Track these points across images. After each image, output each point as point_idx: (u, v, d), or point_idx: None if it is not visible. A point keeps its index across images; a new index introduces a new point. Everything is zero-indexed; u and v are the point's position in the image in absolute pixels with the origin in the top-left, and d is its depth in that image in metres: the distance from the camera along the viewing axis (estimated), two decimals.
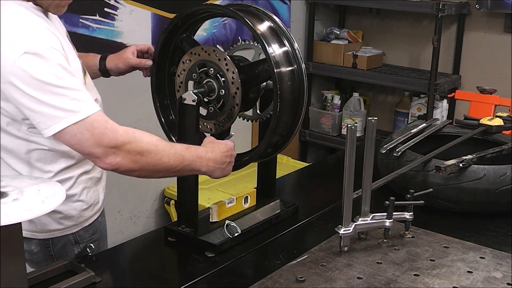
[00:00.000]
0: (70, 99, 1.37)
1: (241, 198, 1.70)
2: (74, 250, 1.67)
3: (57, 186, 1.20)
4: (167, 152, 1.45)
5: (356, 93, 4.26)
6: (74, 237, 1.66)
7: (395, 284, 1.36)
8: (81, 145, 1.40)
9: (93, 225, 1.71)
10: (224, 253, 1.55)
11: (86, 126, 1.38)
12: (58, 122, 1.37)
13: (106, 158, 1.41)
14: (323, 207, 1.86)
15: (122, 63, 1.83)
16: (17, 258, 1.12)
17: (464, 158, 1.78)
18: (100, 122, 1.40)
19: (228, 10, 1.57)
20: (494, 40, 3.85)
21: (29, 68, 1.35)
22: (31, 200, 1.11)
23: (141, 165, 1.43)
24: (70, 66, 1.44)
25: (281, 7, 3.99)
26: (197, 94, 1.52)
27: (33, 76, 1.35)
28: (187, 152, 1.49)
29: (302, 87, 1.56)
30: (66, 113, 1.37)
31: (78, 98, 1.39)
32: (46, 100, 1.36)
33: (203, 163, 1.50)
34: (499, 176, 1.76)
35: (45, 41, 1.40)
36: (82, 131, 1.38)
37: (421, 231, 1.63)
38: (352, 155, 1.43)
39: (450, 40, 4.00)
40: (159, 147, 1.44)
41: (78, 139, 1.39)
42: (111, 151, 1.40)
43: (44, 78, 1.35)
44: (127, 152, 1.41)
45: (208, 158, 1.51)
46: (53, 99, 1.36)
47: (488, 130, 2.13)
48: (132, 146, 1.41)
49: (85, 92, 1.42)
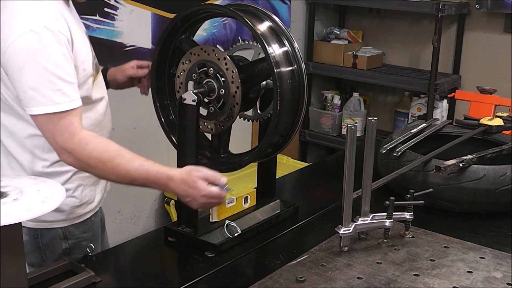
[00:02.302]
0: (56, 89, 1.43)
1: (241, 198, 1.70)
2: (62, 245, 1.67)
3: (57, 186, 1.20)
4: (115, 173, 1.48)
5: (356, 93, 4.26)
6: (63, 232, 1.67)
7: (395, 284, 1.36)
8: (45, 134, 1.48)
9: (85, 223, 1.72)
10: (224, 253, 1.55)
11: (55, 119, 1.44)
12: (36, 106, 1.43)
13: (61, 155, 1.49)
14: (323, 207, 1.86)
15: (120, 74, 1.89)
16: (17, 258, 1.12)
17: (464, 158, 1.78)
18: (66, 121, 1.45)
19: (228, 10, 1.57)
20: (494, 40, 3.85)
21: (30, 46, 1.40)
22: (31, 200, 1.11)
23: (91, 173, 1.52)
24: (78, 57, 1.50)
25: (281, 7, 3.99)
26: (197, 94, 1.52)
27: (32, 55, 1.40)
28: (141, 176, 1.48)
29: (302, 87, 1.56)
30: (45, 100, 1.43)
31: (63, 89, 1.44)
32: (33, 81, 1.42)
33: (161, 187, 1.52)
34: (499, 176, 1.76)
35: (53, 23, 1.44)
36: (49, 122, 1.45)
37: (421, 231, 1.63)
38: (352, 155, 1.43)
39: (450, 40, 4.00)
40: (108, 165, 1.47)
41: (45, 128, 1.47)
42: (64, 151, 1.47)
43: (41, 60, 1.41)
44: (76, 160, 1.48)
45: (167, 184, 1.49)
46: (41, 82, 1.42)
47: (488, 130, 2.13)
48: (80, 156, 1.47)
49: (73, 86, 1.46)
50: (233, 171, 1.66)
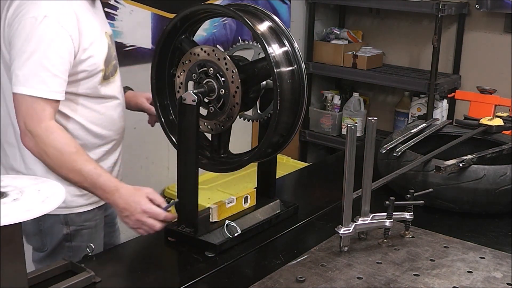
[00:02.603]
0: (38, 75, 1.54)
1: (241, 198, 1.70)
2: (63, 230, 1.73)
3: (57, 185, 1.20)
4: (69, 166, 1.55)
5: (356, 93, 4.26)
6: (64, 218, 1.73)
7: (395, 284, 1.36)
8: (17, 114, 1.57)
9: (87, 213, 1.77)
10: (224, 253, 1.55)
11: (29, 102, 1.54)
12: (16, 85, 1.55)
13: (24, 137, 1.57)
14: (323, 207, 1.86)
15: (134, 103, 2.00)
16: (17, 258, 1.12)
17: (464, 158, 1.78)
18: (39, 106, 1.54)
19: (228, 10, 1.57)
20: (494, 40, 3.85)
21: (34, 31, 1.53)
22: (31, 200, 1.10)
23: (45, 161, 1.58)
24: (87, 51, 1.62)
25: (281, 7, 3.99)
26: (197, 94, 1.52)
27: (30, 39, 1.53)
28: (92, 178, 1.56)
29: (302, 87, 1.56)
30: (25, 82, 1.54)
31: (45, 79, 1.54)
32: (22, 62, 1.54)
33: (106, 195, 1.58)
34: (499, 176, 1.76)
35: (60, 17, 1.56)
36: (23, 103, 1.54)
37: (421, 231, 1.63)
38: (352, 155, 1.43)
39: (450, 40, 4.00)
40: (64, 158, 1.55)
41: (18, 108, 1.55)
42: (28, 134, 1.55)
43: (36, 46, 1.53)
44: (36, 144, 1.56)
45: (116, 197, 1.58)
46: (28, 65, 1.52)
47: (488, 130, 2.13)
48: (41, 143, 1.55)
49: (56, 79, 1.56)
50: (233, 171, 1.66)
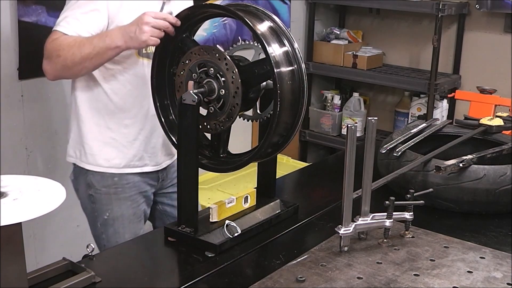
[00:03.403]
0: (66, 15, 1.89)
1: (241, 198, 1.70)
2: (88, 190, 2.08)
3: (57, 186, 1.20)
4: (79, 46, 1.82)
5: (356, 93, 4.26)
6: (89, 178, 2.07)
7: (395, 284, 1.36)
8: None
9: (104, 178, 2.06)
10: (224, 253, 1.55)
11: (53, 35, 1.88)
12: (57, 24, 1.90)
13: (43, 65, 1.91)
14: (323, 207, 1.86)
15: None
16: (17, 258, 1.12)
17: (464, 158, 1.78)
18: (60, 39, 1.85)
19: (228, 10, 1.57)
20: (494, 40, 3.85)
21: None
22: (31, 200, 1.10)
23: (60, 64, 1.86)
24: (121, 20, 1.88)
25: (281, 7, 3.99)
26: (197, 94, 1.52)
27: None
28: (96, 37, 1.85)
29: (302, 87, 1.55)
30: (61, 21, 1.89)
31: (69, 18, 1.88)
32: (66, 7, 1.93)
33: (112, 37, 1.81)
34: (499, 176, 1.76)
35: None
36: (52, 36, 1.88)
37: (421, 231, 1.63)
38: (352, 155, 1.43)
39: (450, 40, 4.00)
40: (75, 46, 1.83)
41: (48, 39, 1.89)
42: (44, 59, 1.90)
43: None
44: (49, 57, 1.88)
45: (116, 32, 1.81)
46: (68, 9, 1.91)
47: (488, 130, 2.13)
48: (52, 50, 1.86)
49: (80, 21, 1.87)
50: (233, 171, 1.66)
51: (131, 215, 2.12)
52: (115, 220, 2.09)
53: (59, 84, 2.82)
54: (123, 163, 2.08)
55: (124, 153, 2.07)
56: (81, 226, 3.06)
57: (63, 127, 2.91)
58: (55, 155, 2.89)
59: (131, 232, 2.10)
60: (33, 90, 2.74)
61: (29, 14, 2.61)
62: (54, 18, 2.00)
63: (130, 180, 2.10)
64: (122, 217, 2.10)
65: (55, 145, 2.89)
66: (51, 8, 2.63)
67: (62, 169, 2.93)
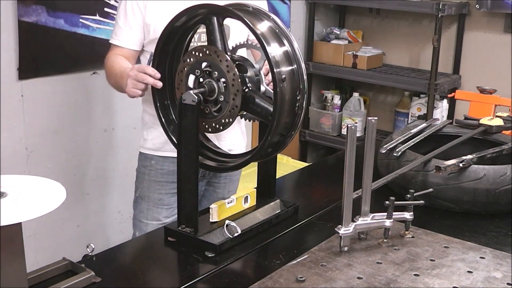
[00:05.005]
0: (116, 28, 2.14)
1: (241, 198, 1.70)
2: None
3: (57, 185, 1.20)
4: (116, 74, 2.03)
5: (356, 93, 4.26)
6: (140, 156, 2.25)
7: (395, 284, 1.36)
8: None
9: (143, 158, 2.21)
10: (224, 253, 1.55)
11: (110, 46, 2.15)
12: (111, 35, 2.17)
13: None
14: (323, 207, 1.86)
15: None
16: (17, 258, 1.13)
17: (464, 158, 1.78)
18: (111, 48, 2.13)
19: (228, 10, 1.57)
20: (494, 40, 3.85)
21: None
22: (31, 200, 1.11)
23: (110, 81, 2.12)
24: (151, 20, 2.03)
25: (281, 7, 3.99)
26: (197, 94, 1.52)
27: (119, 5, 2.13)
28: (118, 73, 2.03)
29: (302, 87, 1.55)
30: (112, 33, 2.15)
31: (116, 30, 2.14)
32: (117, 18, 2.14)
33: (123, 80, 1.94)
34: (499, 176, 1.76)
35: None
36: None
37: (421, 231, 1.63)
38: (352, 155, 1.43)
39: (450, 40, 4.00)
40: (112, 70, 2.07)
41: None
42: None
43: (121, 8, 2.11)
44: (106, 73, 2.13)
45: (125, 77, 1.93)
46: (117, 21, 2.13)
47: (488, 130, 2.13)
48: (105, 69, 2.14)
49: (121, 31, 2.11)
50: (233, 171, 1.66)
51: (157, 200, 2.20)
52: (142, 199, 2.22)
53: (59, 84, 2.82)
54: (159, 143, 2.17)
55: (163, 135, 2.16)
56: (81, 226, 3.07)
57: (63, 127, 2.91)
58: (55, 155, 2.90)
59: (152, 216, 2.20)
60: (33, 90, 2.74)
61: (29, 14, 2.61)
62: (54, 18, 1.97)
63: (165, 167, 2.18)
64: (148, 198, 2.20)
65: (55, 145, 2.89)
66: (51, 8, 2.63)
67: (62, 169, 2.94)
